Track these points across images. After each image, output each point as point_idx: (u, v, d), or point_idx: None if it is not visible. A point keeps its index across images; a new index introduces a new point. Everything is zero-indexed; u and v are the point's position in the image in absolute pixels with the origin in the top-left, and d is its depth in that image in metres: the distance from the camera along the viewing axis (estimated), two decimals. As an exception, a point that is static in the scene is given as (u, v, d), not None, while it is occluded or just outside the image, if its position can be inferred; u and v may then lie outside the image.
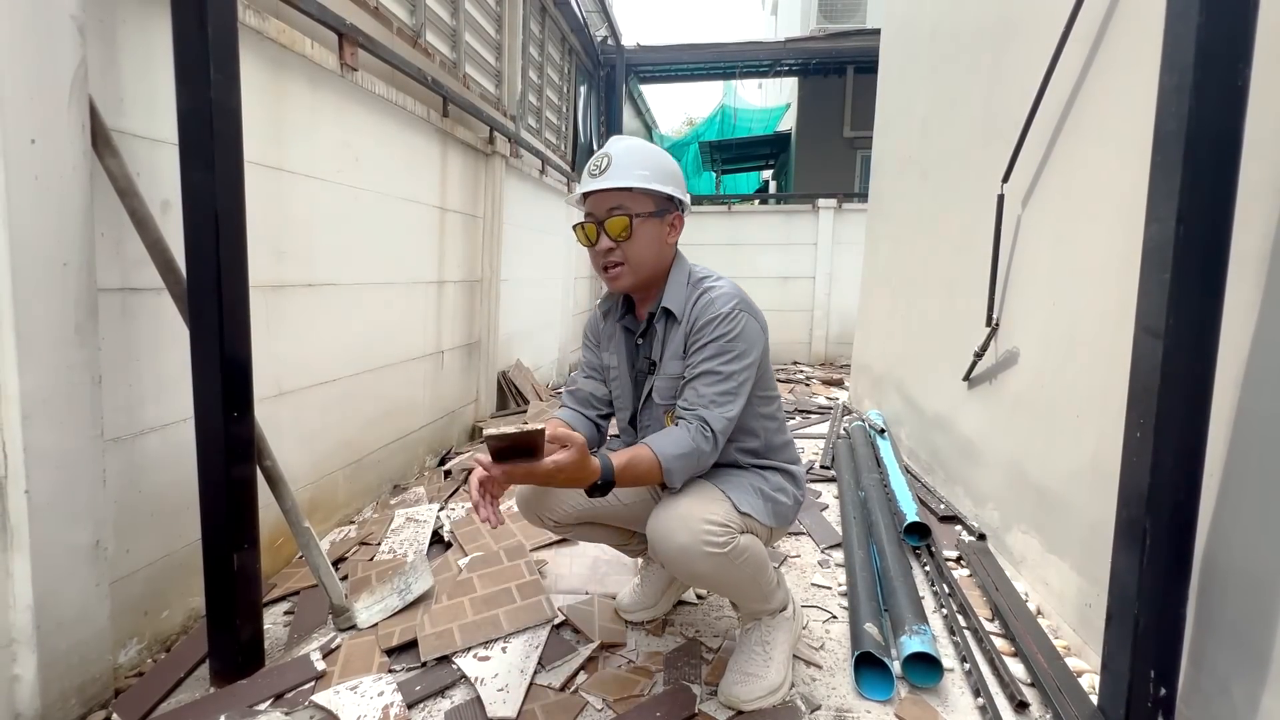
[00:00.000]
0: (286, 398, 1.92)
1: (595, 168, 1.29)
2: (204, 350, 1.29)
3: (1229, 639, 1.11)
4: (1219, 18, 0.99)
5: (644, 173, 1.29)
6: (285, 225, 1.89)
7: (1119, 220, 1.47)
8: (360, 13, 2.32)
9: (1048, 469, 1.76)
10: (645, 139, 8.79)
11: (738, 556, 1.23)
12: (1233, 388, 1.11)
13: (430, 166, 2.85)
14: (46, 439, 1.16)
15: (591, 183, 1.28)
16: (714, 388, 1.25)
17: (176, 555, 1.53)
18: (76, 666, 1.23)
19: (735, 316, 1.28)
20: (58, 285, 1.17)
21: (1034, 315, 1.90)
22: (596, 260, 1.34)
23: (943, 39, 2.90)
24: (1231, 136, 1.01)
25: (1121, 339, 1.23)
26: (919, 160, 3.18)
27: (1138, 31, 1.46)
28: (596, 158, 1.31)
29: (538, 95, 4.89)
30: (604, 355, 1.50)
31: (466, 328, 3.34)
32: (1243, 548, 1.09)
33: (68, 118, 1.17)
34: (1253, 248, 1.08)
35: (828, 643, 1.59)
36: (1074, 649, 1.53)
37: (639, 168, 1.29)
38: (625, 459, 1.18)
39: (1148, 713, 1.11)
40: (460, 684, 1.40)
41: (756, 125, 10.15)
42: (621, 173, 1.28)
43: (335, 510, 2.23)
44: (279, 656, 1.47)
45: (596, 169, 1.29)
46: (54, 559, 1.18)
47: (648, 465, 1.20)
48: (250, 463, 1.39)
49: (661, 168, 1.32)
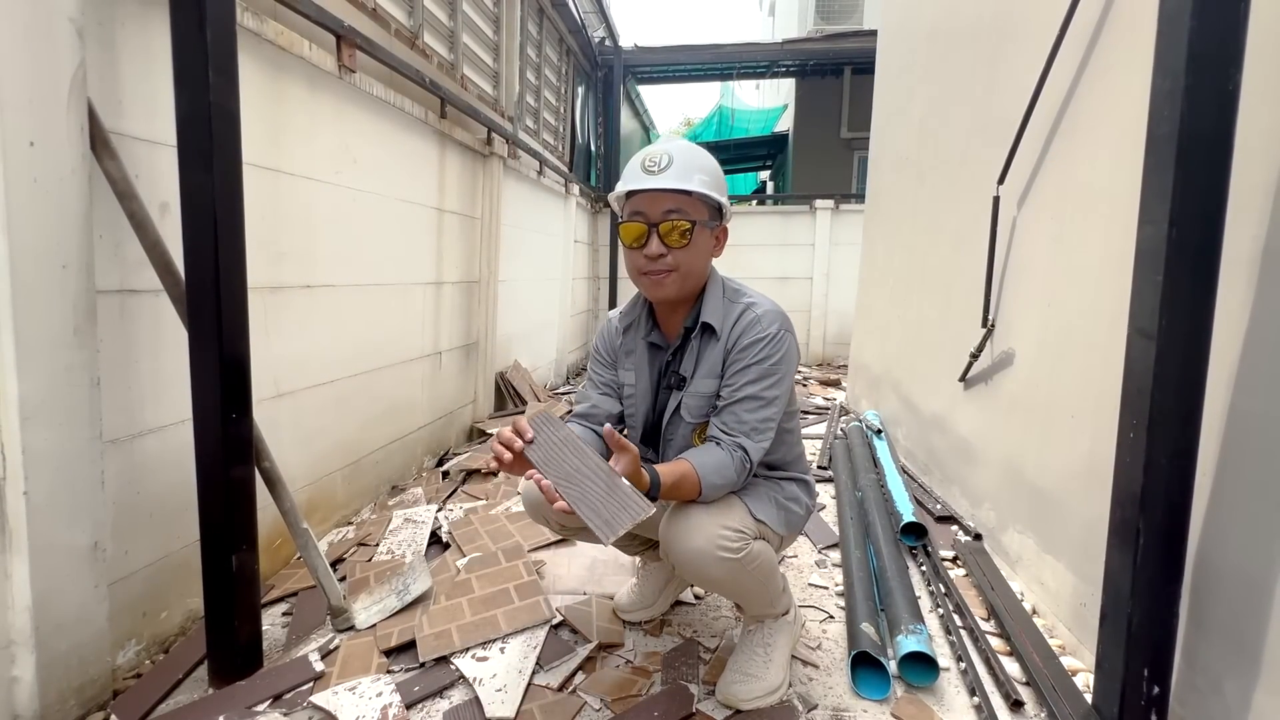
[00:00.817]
0: (285, 399, 1.92)
1: (653, 164, 1.20)
2: (203, 352, 1.30)
3: (1221, 637, 1.12)
4: (1210, 23, 1.00)
5: (704, 178, 1.22)
6: (284, 227, 1.89)
7: (1113, 222, 1.48)
8: (358, 14, 2.33)
9: (1043, 469, 1.77)
10: (642, 139, 8.75)
11: (750, 562, 1.23)
12: (1224, 388, 1.12)
13: (428, 168, 2.85)
14: (45, 441, 1.16)
15: (649, 180, 1.20)
16: (756, 414, 1.23)
17: (175, 556, 1.54)
18: (75, 668, 1.23)
19: (781, 339, 1.25)
20: (56, 287, 1.17)
21: (1029, 316, 1.91)
22: (637, 263, 1.25)
23: (939, 40, 2.91)
24: (1223, 140, 1.02)
25: (1115, 340, 1.24)
26: (916, 161, 3.20)
27: (1131, 35, 1.47)
28: (653, 154, 1.22)
29: (535, 96, 4.89)
30: (621, 373, 1.43)
31: (464, 329, 3.34)
32: (1235, 547, 1.10)
33: (66, 120, 1.17)
34: (1244, 250, 1.09)
35: (825, 642, 1.59)
36: (1069, 648, 1.54)
37: (700, 171, 1.22)
38: (674, 478, 1.15)
39: (1141, 711, 1.12)
40: (459, 684, 1.40)
41: (754, 126, 10.18)
42: (683, 174, 1.20)
43: (333, 511, 2.23)
44: (277, 657, 1.48)
45: (654, 165, 1.20)
46: (53, 560, 1.19)
47: (690, 486, 1.17)
48: (249, 464, 1.39)
49: (717, 175, 1.26)
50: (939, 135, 2.86)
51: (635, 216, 1.24)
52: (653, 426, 1.41)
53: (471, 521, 2.19)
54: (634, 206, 1.25)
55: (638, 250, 1.25)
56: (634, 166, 1.25)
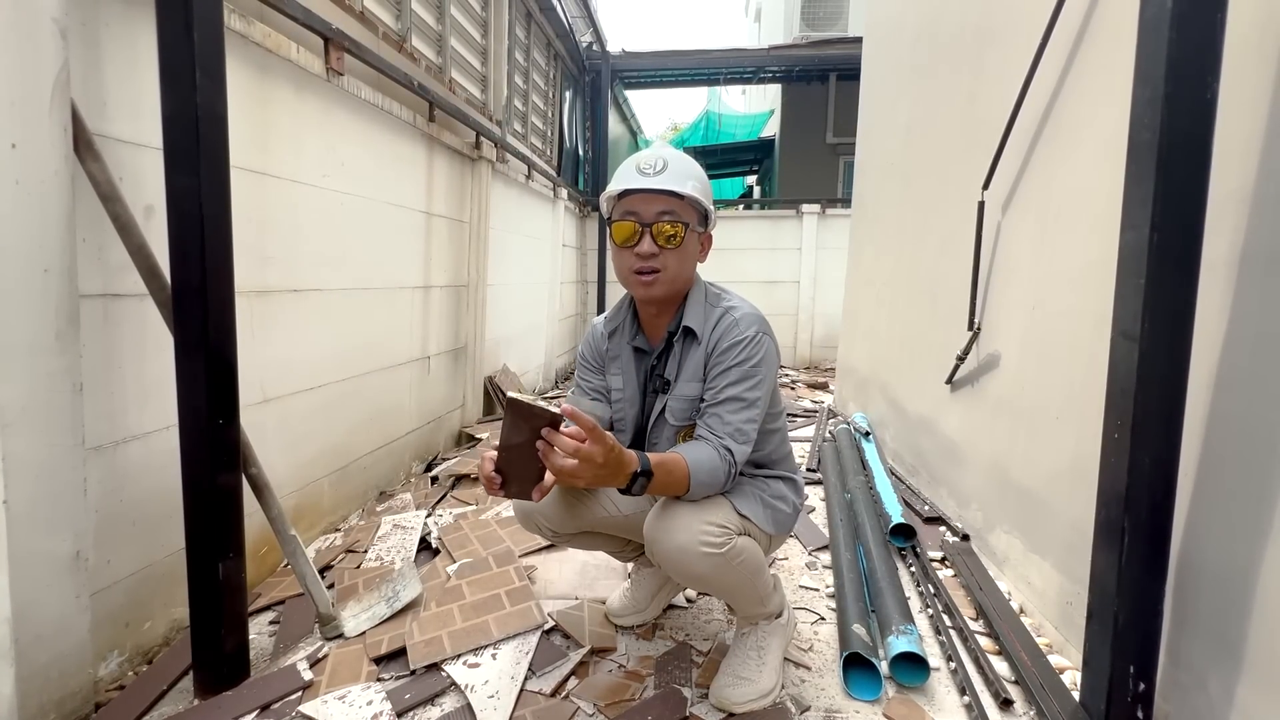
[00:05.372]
0: (272, 404, 1.90)
1: (649, 166, 1.25)
2: (189, 357, 1.28)
3: (1205, 634, 1.14)
4: (1189, 33, 1.03)
5: (696, 184, 1.27)
6: (271, 230, 1.87)
7: (1096, 227, 1.51)
8: (346, 17, 2.32)
9: (1029, 470, 1.79)
10: (630, 144, 8.78)
11: (735, 558, 1.23)
12: (1205, 389, 1.15)
13: (416, 171, 2.84)
14: (26, 448, 1.14)
15: (644, 180, 1.23)
16: (739, 415, 1.25)
17: (159, 565, 1.51)
18: (55, 680, 1.21)
19: (759, 340, 1.27)
20: (38, 291, 1.15)
21: (1014, 319, 1.93)
22: (628, 262, 1.28)
23: (924, 47, 2.96)
24: (1202, 147, 1.04)
25: (1099, 343, 1.26)
26: (901, 166, 3.24)
27: (1112, 44, 1.50)
28: (648, 157, 1.27)
29: (523, 100, 4.89)
30: (609, 377, 1.45)
31: (453, 333, 3.32)
32: (1216, 545, 1.13)
33: (49, 122, 1.15)
34: (1223, 254, 1.12)
35: (816, 644, 1.60)
36: (1056, 646, 1.56)
37: (692, 178, 1.26)
38: (660, 457, 1.16)
39: (1128, 708, 1.13)
40: (450, 691, 1.39)
41: (741, 131, 10.25)
42: (679, 178, 1.24)
43: (321, 517, 2.20)
44: (265, 667, 1.45)
45: (650, 168, 1.24)
46: (33, 570, 1.16)
47: (680, 474, 1.18)
48: (235, 470, 1.37)
49: (706, 184, 1.30)
50: (924, 141, 2.90)
51: (628, 216, 1.26)
52: (642, 430, 1.43)
53: (461, 527, 2.18)
54: (627, 206, 1.27)
55: (629, 250, 1.27)
56: (628, 168, 1.28)
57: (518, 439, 1.04)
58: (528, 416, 1.02)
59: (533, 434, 1.03)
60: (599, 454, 1.01)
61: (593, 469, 1.01)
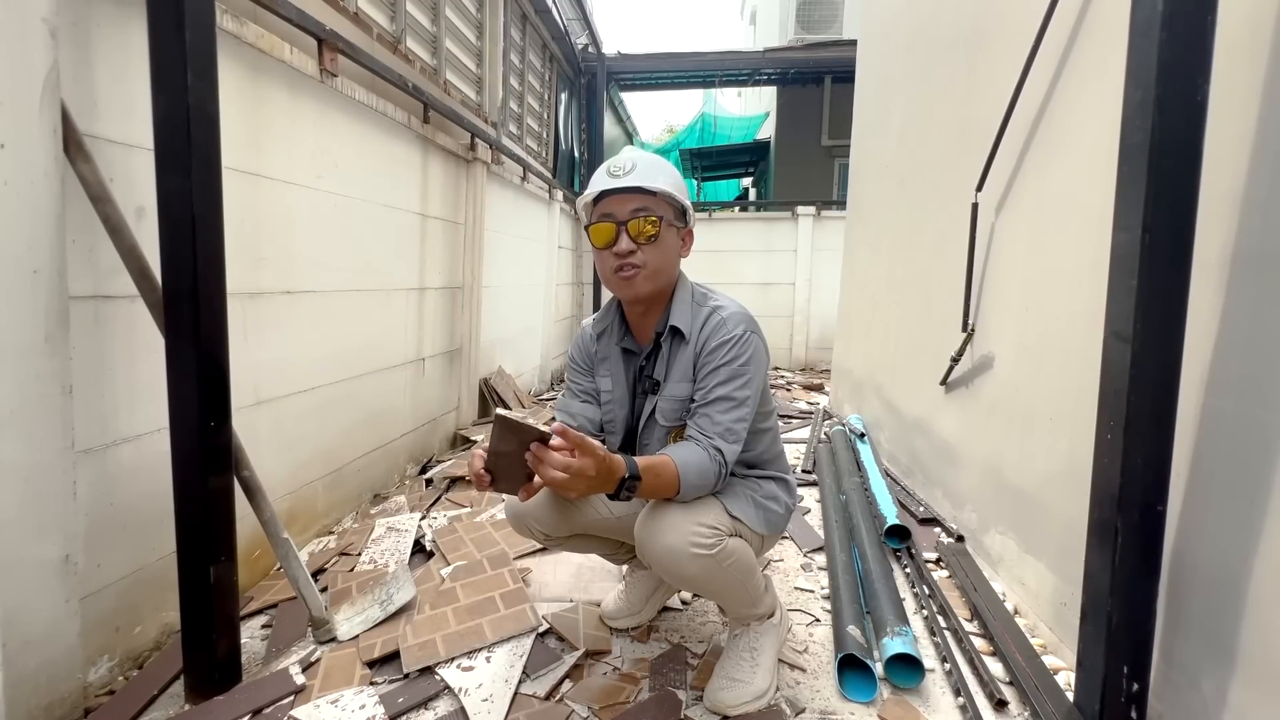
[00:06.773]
0: (264, 406, 1.89)
1: (618, 169, 1.27)
2: (180, 359, 1.27)
3: (1198, 634, 1.14)
4: (1179, 36, 1.03)
5: (667, 179, 1.29)
6: (264, 232, 1.86)
7: (1089, 228, 1.51)
8: (340, 18, 2.31)
9: (1023, 471, 1.80)
10: (625, 145, 8.83)
11: (725, 559, 1.23)
12: (1197, 390, 1.15)
13: (411, 173, 2.83)
14: (14, 451, 1.12)
15: (614, 181, 1.26)
16: (729, 414, 1.25)
17: (150, 569, 1.50)
18: (44, 685, 1.19)
19: (747, 340, 1.27)
20: (27, 293, 1.14)
21: (1008, 321, 1.94)
22: (609, 264, 1.29)
23: (918, 50, 2.97)
24: (1193, 148, 1.05)
25: (1092, 344, 1.27)
26: (896, 168, 3.24)
27: (1104, 47, 1.51)
28: (619, 161, 1.29)
29: (519, 102, 4.89)
30: (599, 379, 1.46)
31: (448, 334, 3.32)
32: (1209, 545, 1.13)
33: (39, 122, 1.15)
34: (1214, 255, 1.12)
35: (811, 645, 1.60)
36: (1050, 647, 1.56)
37: (662, 173, 1.29)
38: (648, 460, 1.16)
39: (1122, 708, 1.14)
40: (444, 695, 1.38)
41: (736, 133, 10.27)
42: (649, 174, 1.26)
43: (314, 520, 2.19)
44: (257, 671, 1.44)
45: (620, 170, 1.27)
46: (22, 574, 1.15)
47: (669, 477, 1.17)
48: (228, 473, 1.36)
49: (679, 181, 1.32)
50: (918, 143, 2.91)
51: (604, 218, 1.28)
52: (632, 431, 1.43)
53: (456, 529, 2.17)
54: (603, 209, 1.29)
55: (608, 250, 1.28)
56: (600, 174, 1.30)
57: (506, 448, 1.05)
58: (516, 431, 1.03)
59: (521, 445, 1.03)
60: (590, 467, 1.02)
61: (585, 481, 1.03)
